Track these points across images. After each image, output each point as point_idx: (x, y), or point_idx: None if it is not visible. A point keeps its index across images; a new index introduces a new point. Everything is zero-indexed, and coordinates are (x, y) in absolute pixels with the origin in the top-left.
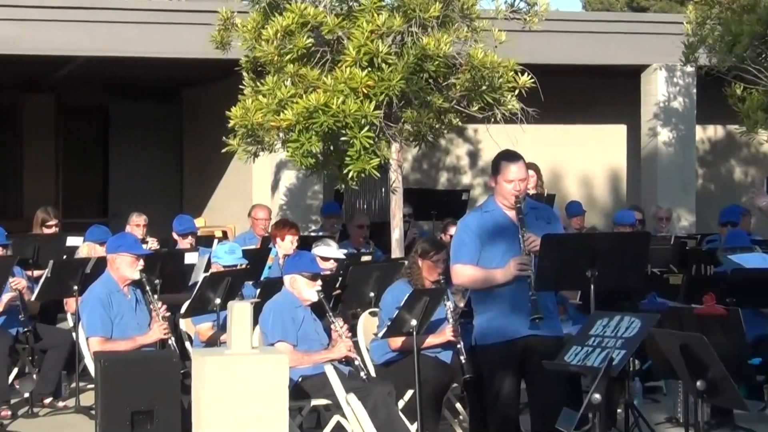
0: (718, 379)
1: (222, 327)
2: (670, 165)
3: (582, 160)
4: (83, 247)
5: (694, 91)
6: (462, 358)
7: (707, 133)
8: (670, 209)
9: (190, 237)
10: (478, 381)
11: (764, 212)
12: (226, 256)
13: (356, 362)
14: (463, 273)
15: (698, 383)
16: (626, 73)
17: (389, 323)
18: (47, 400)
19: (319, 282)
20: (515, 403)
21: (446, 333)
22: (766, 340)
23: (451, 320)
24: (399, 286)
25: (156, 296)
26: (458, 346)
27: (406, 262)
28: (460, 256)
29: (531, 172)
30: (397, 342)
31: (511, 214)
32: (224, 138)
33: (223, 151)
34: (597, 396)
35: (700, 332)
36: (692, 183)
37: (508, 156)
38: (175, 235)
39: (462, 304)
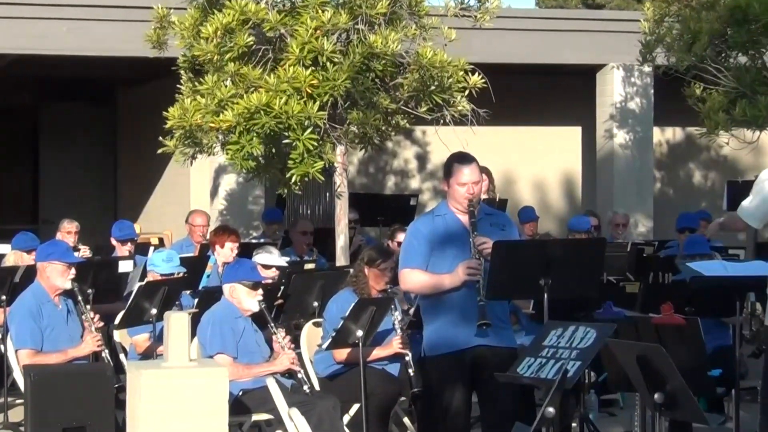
0: (677, 391)
1: (158, 338)
2: (627, 168)
3: (535, 164)
4: (10, 255)
5: (652, 91)
6: (410, 370)
7: (665, 135)
8: (627, 215)
9: (129, 244)
10: (428, 394)
11: (726, 229)
12: (164, 264)
13: (299, 375)
14: (411, 278)
15: (656, 396)
16: (581, 72)
17: (334, 334)
18: None
19: (261, 291)
20: (466, 416)
21: (394, 344)
22: (726, 351)
23: (399, 331)
24: (344, 295)
25: (89, 306)
26: (407, 358)
27: (351, 270)
28: (408, 260)
29: (483, 176)
30: (342, 354)
31: (464, 218)
32: (160, 138)
33: (159, 151)
34: (551, 410)
35: (657, 343)
36: (650, 187)
37: (461, 158)
38: (113, 242)
39: (407, 308)
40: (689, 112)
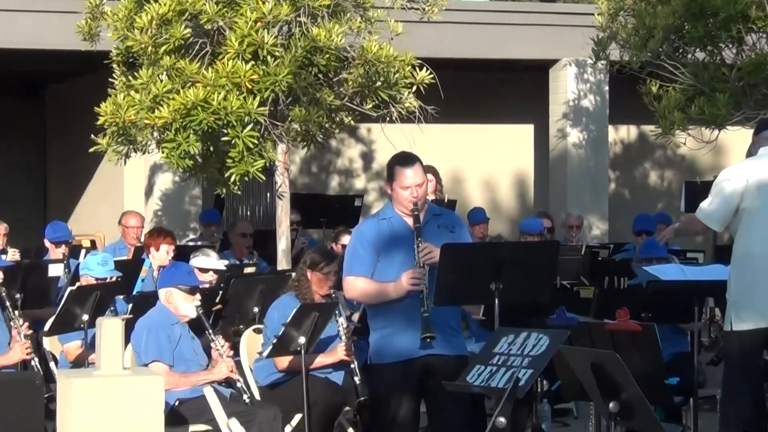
0: (633, 400)
1: (90, 346)
2: (581, 168)
3: (485, 163)
4: None
5: (606, 88)
6: (356, 378)
7: (620, 134)
8: (581, 216)
9: (63, 246)
10: (373, 403)
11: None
12: (99, 267)
13: (238, 384)
14: (355, 286)
15: (611, 405)
16: (533, 68)
17: (275, 341)
18: None
19: (198, 296)
20: (413, 427)
21: (339, 352)
22: (684, 358)
23: (343, 338)
24: (286, 300)
25: (17, 312)
26: (352, 366)
27: (293, 275)
28: (352, 267)
29: (429, 176)
30: (284, 361)
31: (410, 221)
32: (92, 136)
33: (91, 150)
34: (502, 420)
35: (612, 350)
36: (604, 188)
37: (403, 160)
38: (47, 243)
39: (350, 314)
40: (645, 110)
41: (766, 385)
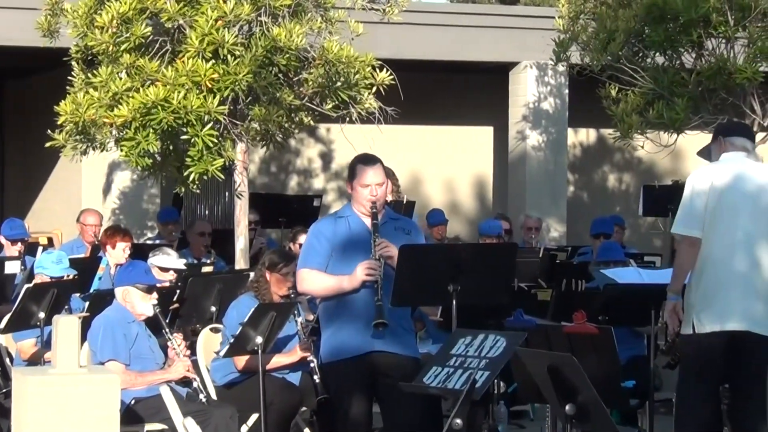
0: (589, 402)
1: (46, 344)
2: (540, 171)
3: (445, 165)
4: None
5: (566, 91)
6: (316, 377)
7: (579, 137)
8: (540, 218)
9: (19, 243)
10: (330, 402)
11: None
12: (53, 266)
13: (195, 383)
14: (309, 278)
15: (567, 407)
16: (493, 70)
17: (232, 341)
18: None
19: (155, 295)
20: (366, 426)
21: (297, 351)
22: (640, 361)
23: (302, 336)
24: (245, 300)
25: None
26: (311, 365)
27: (251, 274)
28: (307, 261)
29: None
30: (242, 361)
31: (368, 221)
32: (48, 132)
33: (47, 145)
34: (458, 421)
35: (569, 352)
36: (563, 190)
37: (365, 159)
38: (2, 240)
39: (312, 318)
40: (604, 113)
41: (722, 389)
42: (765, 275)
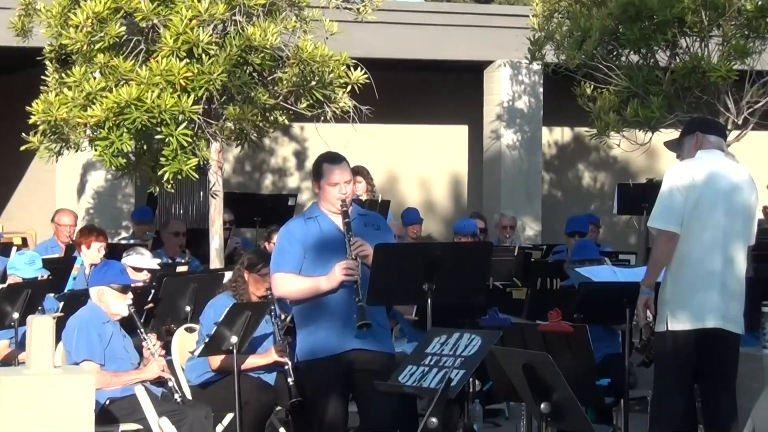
0: (564, 401)
1: (20, 344)
2: (515, 169)
3: (420, 163)
4: None
5: (541, 90)
6: (290, 380)
7: (554, 135)
8: (515, 217)
9: None
10: (305, 403)
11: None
12: (26, 267)
13: (170, 383)
14: (284, 282)
15: (542, 406)
16: (468, 69)
17: (207, 340)
18: None
19: (130, 295)
20: (342, 425)
21: (272, 353)
22: (615, 360)
23: (278, 338)
24: (222, 299)
25: None
26: (285, 367)
27: (226, 274)
28: (281, 264)
29: (359, 177)
30: (217, 361)
31: (338, 220)
32: (23, 134)
33: (22, 149)
34: (433, 420)
35: (544, 351)
36: (538, 189)
37: (330, 158)
38: None
39: (287, 319)
40: (579, 112)
41: (696, 387)
42: (739, 274)
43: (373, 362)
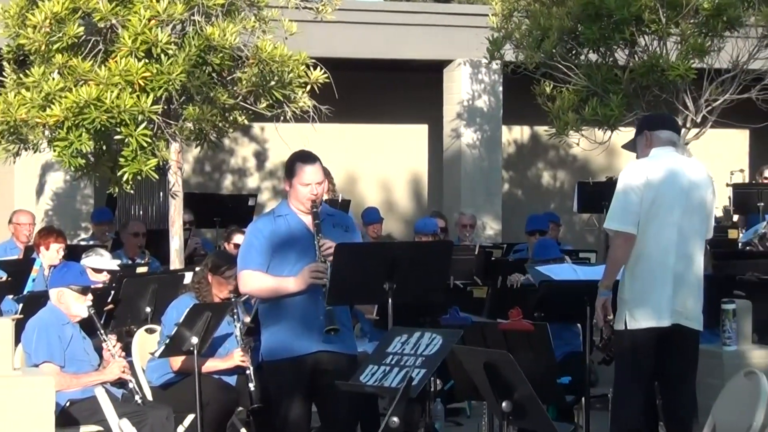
0: (525, 399)
1: None
2: (475, 168)
3: (380, 163)
4: None
5: (500, 89)
6: (251, 385)
7: (513, 134)
8: (474, 216)
9: None
10: (266, 402)
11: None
12: None
13: (130, 384)
14: (251, 280)
15: (504, 404)
16: (428, 68)
17: (168, 341)
18: None
19: (90, 296)
20: (305, 426)
21: (234, 357)
22: (576, 358)
23: (240, 343)
24: (185, 300)
25: None
26: (248, 371)
27: (187, 275)
28: (248, 262)
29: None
30: (178, 362)
31: (307, 219)
32: None
33: None
34: (395, 419)
35: (505, 349)
36: (498, 188)
37: (303, 157)
38: None
39: (248, 320)
40: (539, 110)
41: (657, 384)
42: (697, 271)
43: (336, 363)
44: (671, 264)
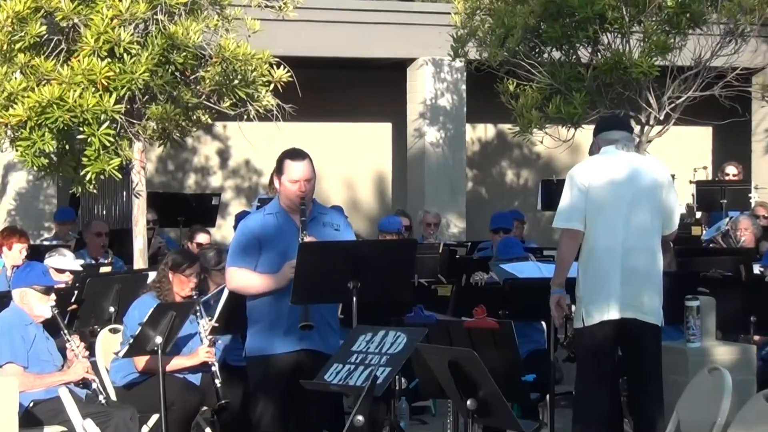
0: (490, 397)
1: None
2: (439, 167)
3: (344, 162)
4: None
5: (464, 87)
6: (217, 381)
7: (477, 132)
8: (438, 214)
9: None
10: (246, 396)
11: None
12: None
13: (94, 385)
14: (237, 277)
15: (468, 402)
16: (391, 67)
17: (131, 341)
18: None
19: (53, 296)
20: (282, 423)
21: (199, 353)
22: (540, 355)
23: (204, 340)
24: (146, 300)
25: None
26: (213, 369)
27: (150, 274)
28: (236, 259)
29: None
30: (142, 362)
31: (296, 217)
32: None
33: None
34: (360, 418)
35: (470, 347)
36: (462, 186)
37: (292, 154)
38: None
39: (213, 320)
40: (502, 108)
41: (621, 381)
42: (650, 266)
43: (317, 363)
44: (619, 258)
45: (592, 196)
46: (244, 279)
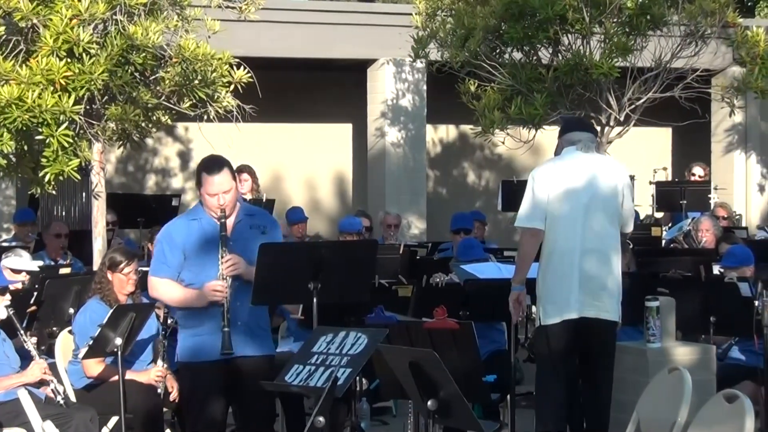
0: (451, 398)
1: None
2: (399, 168)
3: (304, 162)
4: None
5: (425, 88)
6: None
7: (438, 133)
8: (399, 215)
9: None
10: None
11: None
12: None
13: (51, 386)
14: (159, 288)
15: (429, 403)
16: (351, 67)
17: (91, 342)
18: None
19: (8, 296)
20: (220, 426)
21: (151, 374)
22: (501, 356)
23: (160, 362)
24: (92, 305)
25: None
26: (159, 391)
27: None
28: (158, 270)
29: (245, 176)
30: (93, 370)
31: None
32: None
33: None
34: (320, 419)
35: (431, 348)
36: (423, 187)
37: (208, 166)
38: None
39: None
40: (463, 109)
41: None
42: (607, 266)
43: (253, 366)
44: (577, 259)
45: (552, 200)
46: (165, 292)
